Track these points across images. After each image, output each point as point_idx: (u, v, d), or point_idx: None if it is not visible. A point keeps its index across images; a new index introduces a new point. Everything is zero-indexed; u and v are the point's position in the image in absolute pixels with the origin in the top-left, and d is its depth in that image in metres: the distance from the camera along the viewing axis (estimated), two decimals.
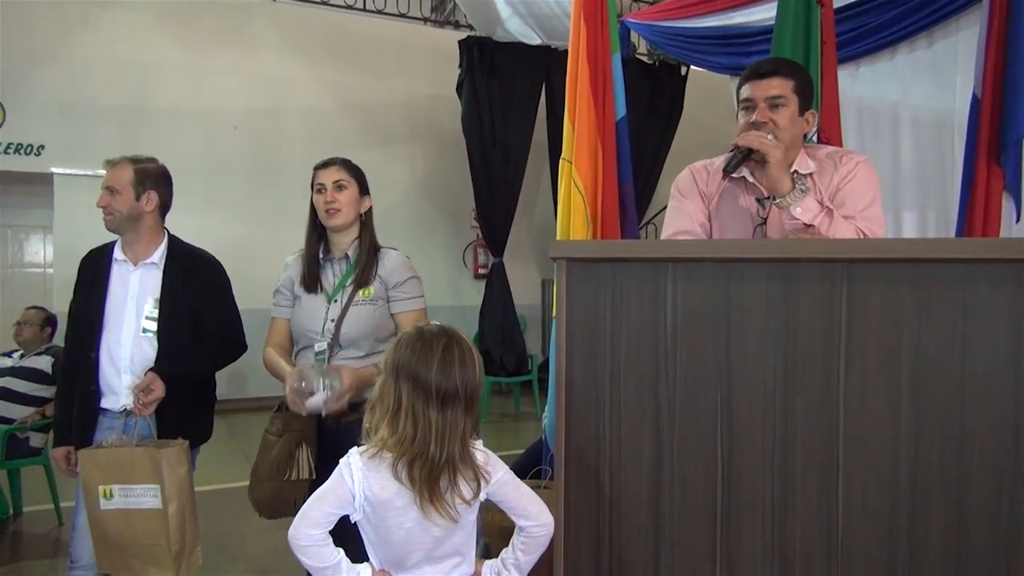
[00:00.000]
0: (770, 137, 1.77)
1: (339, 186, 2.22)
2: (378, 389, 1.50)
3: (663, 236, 2.02)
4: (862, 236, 1.70)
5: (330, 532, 1.48)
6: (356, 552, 1.51)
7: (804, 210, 1.70)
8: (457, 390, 1.43)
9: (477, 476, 1.45)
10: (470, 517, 1.50)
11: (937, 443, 1.15)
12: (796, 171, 1.85)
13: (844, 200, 1.79)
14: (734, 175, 1.86)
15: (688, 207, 1.97)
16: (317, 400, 2.00)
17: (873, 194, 1.81)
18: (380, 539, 1.48)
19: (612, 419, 1.37)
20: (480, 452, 1.50)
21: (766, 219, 1.87)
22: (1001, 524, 1.13)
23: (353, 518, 1.48)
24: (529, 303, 8.05)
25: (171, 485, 2.09)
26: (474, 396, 1.47)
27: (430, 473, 1.41)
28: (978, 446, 1.13)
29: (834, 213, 1.72)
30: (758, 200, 1.88)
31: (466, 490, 1.45)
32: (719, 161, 1.93)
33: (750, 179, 1.87)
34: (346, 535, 1.51)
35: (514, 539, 1.53)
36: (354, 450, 1.49)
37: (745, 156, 1.78)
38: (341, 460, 1.48)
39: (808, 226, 1.70)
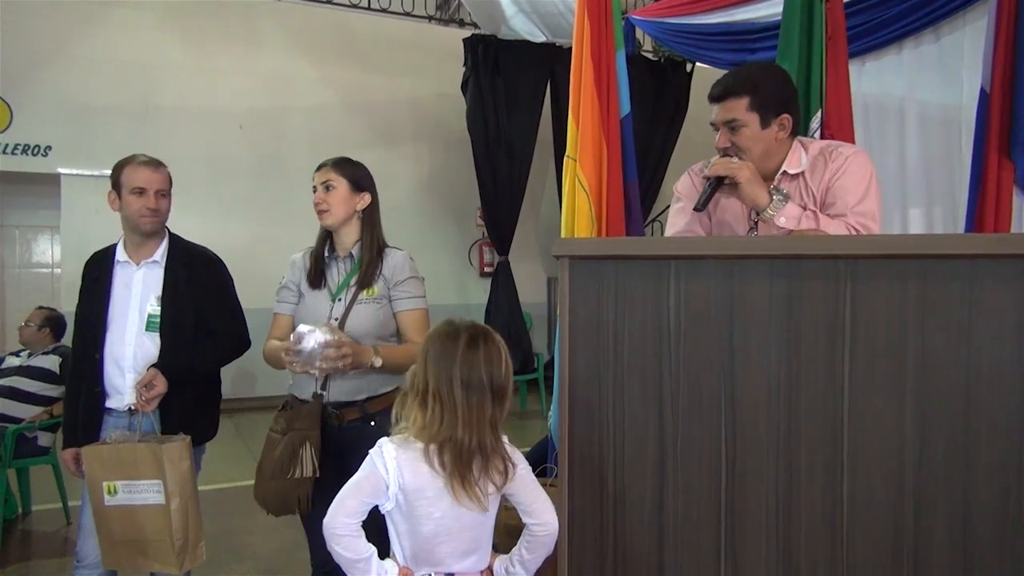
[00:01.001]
0: (735, 160, 1.80)
1: (327, 187, 2.22)
2: (410, 376, 1.54)
3: (665, 235, 2.05)
4: (854, 233, 1.70)
5: None
6: (378, 548, 1.54)
7: (787, 219, 1.72)
8: (483, 381, 1.46)
9: (506, 464, 1.49)
10: (494, 507, 1.53)
11: (943, 440, 1.15)
12: (785, 171, 1.87)
13: (835, 198, 1.79)
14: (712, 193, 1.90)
15: (689, 208, 1.98)
16: (310, 345, 1.95)
17: (865, 187, 1.78)
18: (409, 529, 1.50)
19: (616, 416, 1.37)
20: (507, 445, 1.54)
21: (757, 223, 1.89)
22: (1008, 522, 1.12)
23: (385, 508, 1.51)
24: (535, 301, 8.05)
25: (173, 481, 2.10)
26: (502, 390, 1.49)
27: (460, 457, 1.45)
28: (984, 443, 1.12)
29: (818, 215, 1.73)
30: None
31: (497, 477, 1.48)
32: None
33: None
34: (368, 530, 1.53)
35: (522, 536, 1.55)
36: (384, 440, 1.51)
37: (715, 186, 1.83)
38: (371, 451, 1.51)
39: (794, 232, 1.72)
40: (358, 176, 2.28)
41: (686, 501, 1.32)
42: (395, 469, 1.46)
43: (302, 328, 2.00)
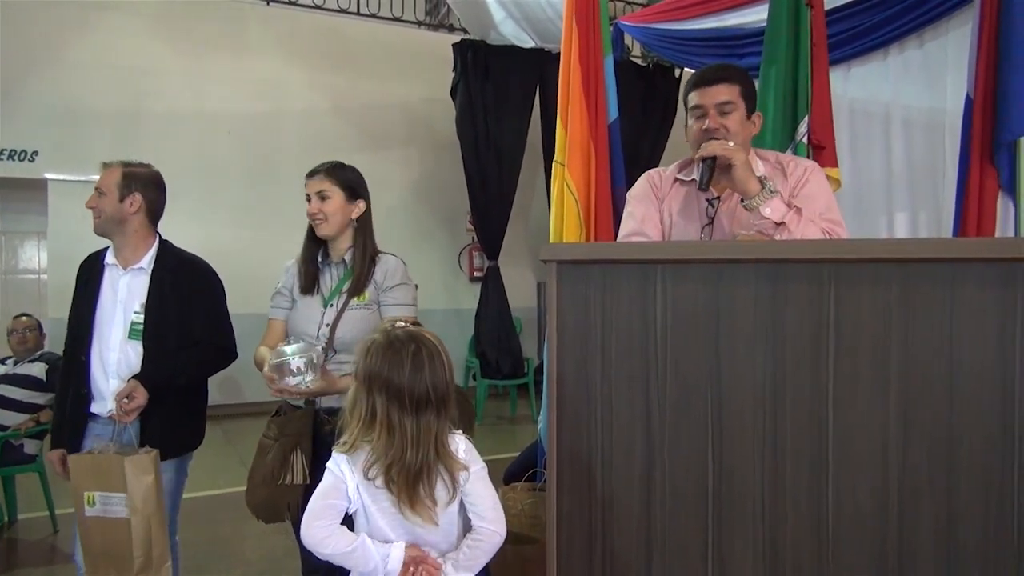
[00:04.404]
0: (731, 143, 1.81)
1: (322, 196, 2.20)
2: (351, 397, 1.55)
3: (617, 239, 2.07)
4: (828, 236, 1.73)
5: None
6: None
7: (773, 210, 1.73)
8: (429, 394, 1.49)
9: (454, 474, 1.51)
10: (450, 517, 1.55)
11: (926, 443, 1.16)
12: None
13: (803, 204, 1.81)
14: (685, 178, 1.96)
15: (639, 212, 2.01)
16: (293, 370, 1.96)
17: (828, 198, 1.86)
18: (369, 526, 1.55)
19: (603, 420, 1.38)
20: (463, 441, 1.56)
21: (713, 219, 1.93)
22: (991, 525, 1.13)
23: (350, 509, 1.55)
24: (525, 306, 8.05)
25: (135, 494, 2.04)
26: (445, 397, 1.52)
27: (407, 477, 1.48)
28: (967, 447, 1.14)
29: (802, 212, 1.75)
30: (708, 201, 1.94)
31: (443, 491, 1.51)
32: (672, 168, 2.04)
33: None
34: None
35: (465, 539, 1.57)
36: (334, 451, 1.57)
37: (713, 166, 1.82)
38: (328, 463, 1.57)
39: (778, 225, 1.73)
40: (353, 183, 2.25)
41: (673, 504, 1.33)
42: (349, 470, 1.53)
43: (282, 358, 1.99)
